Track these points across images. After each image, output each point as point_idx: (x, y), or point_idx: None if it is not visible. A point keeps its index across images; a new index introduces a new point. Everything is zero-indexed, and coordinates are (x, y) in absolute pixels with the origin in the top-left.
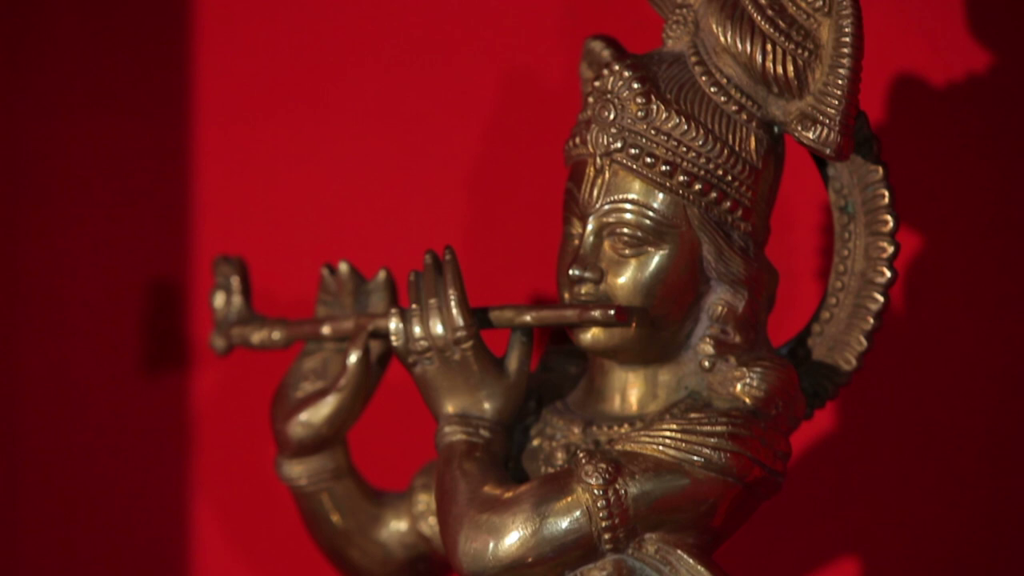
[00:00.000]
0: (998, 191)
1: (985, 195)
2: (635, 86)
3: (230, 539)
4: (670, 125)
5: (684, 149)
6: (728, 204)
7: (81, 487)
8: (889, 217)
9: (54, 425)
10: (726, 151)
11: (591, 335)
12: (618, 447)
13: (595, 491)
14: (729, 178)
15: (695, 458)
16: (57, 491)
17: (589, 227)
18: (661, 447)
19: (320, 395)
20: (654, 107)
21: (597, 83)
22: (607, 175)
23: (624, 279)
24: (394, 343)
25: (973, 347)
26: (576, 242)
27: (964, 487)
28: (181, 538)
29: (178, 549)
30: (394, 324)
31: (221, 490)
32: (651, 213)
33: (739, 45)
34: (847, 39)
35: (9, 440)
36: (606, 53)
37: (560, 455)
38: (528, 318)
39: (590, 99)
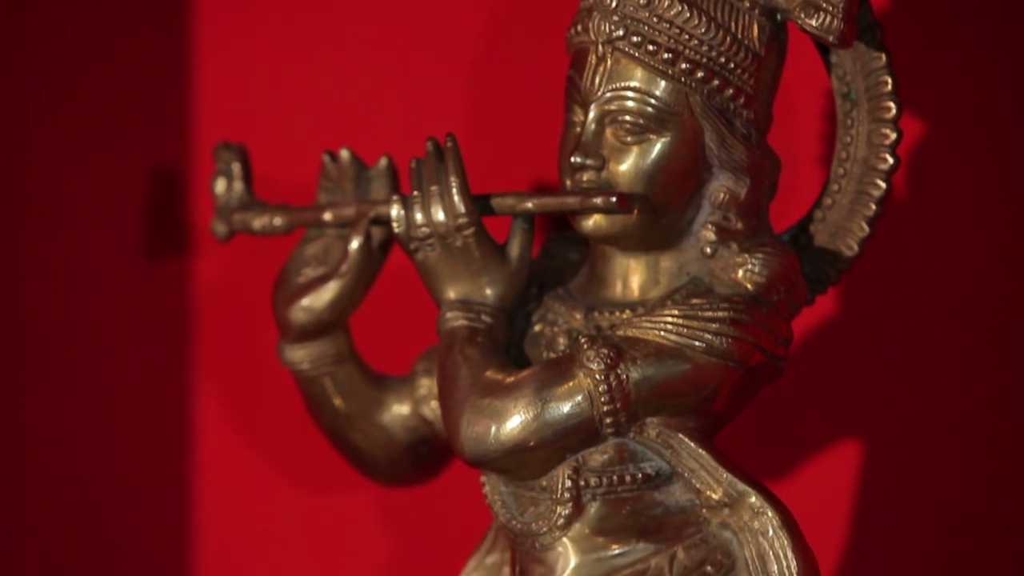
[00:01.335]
0: (1001, 76)
1: (988, 80)
2: None
3: (233, 423)
4: (672, 12)
5: (686, 37)
6: (730, 92)
7: (83, 372)
8: (892, 104)
9: (57, 311)
10: (728, 39)
11: (593, 222)
12: (620, 332)
13: (597, 376)
14: (731, 65)
15: (696, 343)
16: (59, 376)
17: (591, 115)
18: (662, 332)
19: (322, 281)
20: None
21: None
22: (609, 63)
23: (626, 166)
24: (396, 230)
25: (974, 232)
26: (578, 130)
27: (965, 369)
28: (184, 422)
29: (181, 433)
30: (395, 211)
31: (224, 375)
32: (653, 101)
33: None
34: None
35: (12, 326)
36: None
37: (562, 340)
38: (530, 205)
39: None
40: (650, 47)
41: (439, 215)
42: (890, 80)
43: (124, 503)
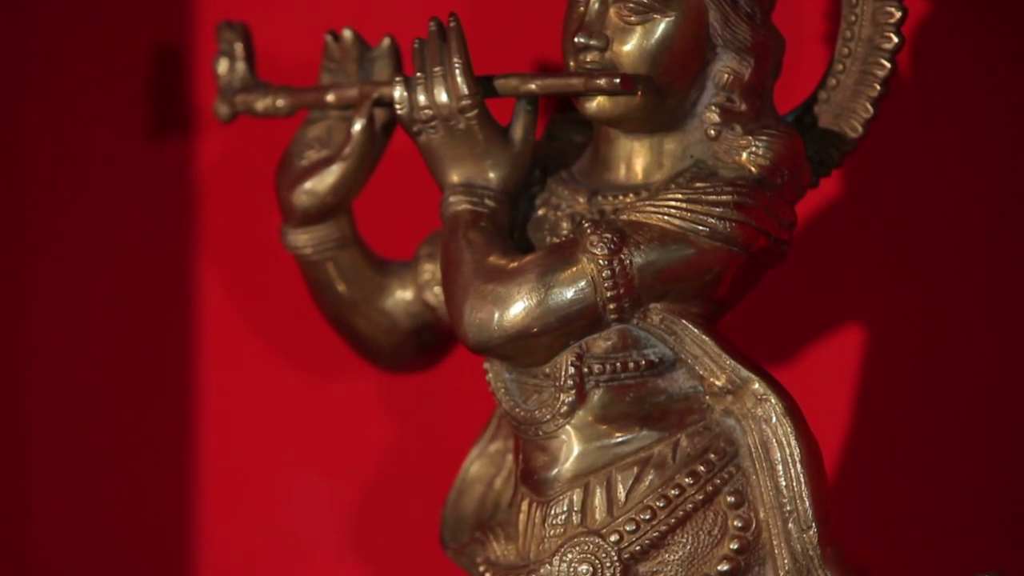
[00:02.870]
0: None
1: None
2: None
3: (236, 307)
4: None
5: None
6: None
7: (85, 251)
8: None
9: (58, 192)
10: None
11: (596, 104)
12: (623, 217)
13: (600, 261)
14: None
15: (700, 228)
16: (61, 256)
17: None
18: (666, 217)
19: (325, 164)
20: None
21: None
22: None
23: (630, 47)
24: (398, 111)
25: (979, 110)
26: (581, 9)
27: (970, 252)
28: (186, 306)
29: (183, 317)
30: (398, 92)
31: (226, 258)
32: None
33: None
34: None
35: (12, 206)
36: None
37: (565, 225)
38: (533, 86)
39: None
40: None
41: (442, 96)
42: None
43: (124, 386)
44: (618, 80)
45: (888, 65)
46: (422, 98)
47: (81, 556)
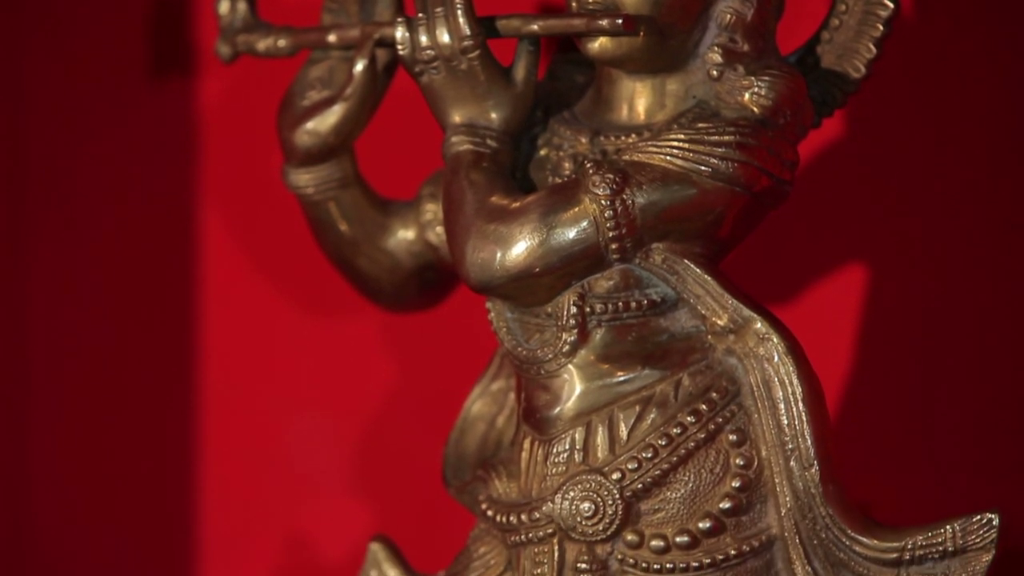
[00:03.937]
0: None
1: None
2: None
3: (238, 247)
4: None
5: None
6: None
7: (87, 191)
8: None
9: (60, 132)
10: None
11: (598, 44)
12: (625, 157)
13: (602, 201)
14: None
15: (702, 168)
16: (62, 195)
17: None
18: (668, 157)
19: (326, 104)
20: None
21: None
22: None
23: None
24: (400, 52)
25: (982, 49)
26: None
27: (970, 190)
28: (188, 244)
29: (185, 255)
30: (400, 33)
31: (228, 198)
32: None
33: None
34: None
35: (15, 146)
36: None
37: (567, 165)
38: (535, 27)
39: None
40: None
41: (444, 37)
42: None
43: (126, 325)
44: (620, 20)
45: (891, 5)
46: (424, 39)
47: (82, 494)
